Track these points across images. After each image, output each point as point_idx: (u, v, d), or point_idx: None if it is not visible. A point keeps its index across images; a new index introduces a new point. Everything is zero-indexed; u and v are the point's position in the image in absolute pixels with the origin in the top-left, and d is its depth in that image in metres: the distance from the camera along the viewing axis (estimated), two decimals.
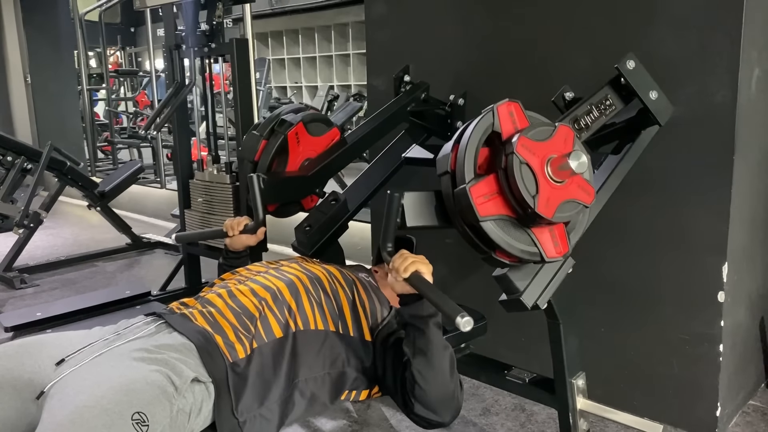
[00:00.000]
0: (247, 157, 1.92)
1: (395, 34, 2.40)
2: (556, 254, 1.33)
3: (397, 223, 1.36)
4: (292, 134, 1.89)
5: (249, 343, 1.35)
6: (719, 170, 1.69)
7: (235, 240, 1.78)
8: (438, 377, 1.39)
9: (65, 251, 4.09)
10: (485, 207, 1.27)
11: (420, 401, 1.40)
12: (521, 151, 1.26)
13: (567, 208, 1.30)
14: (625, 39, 1.79)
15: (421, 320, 1.38)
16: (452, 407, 1.42)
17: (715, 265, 1.72)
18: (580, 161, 1.26)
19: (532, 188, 1.26)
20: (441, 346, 1.40)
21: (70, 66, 6.58)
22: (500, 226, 1.29)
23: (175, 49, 2.79)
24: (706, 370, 1.78)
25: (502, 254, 1.33)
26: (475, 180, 1.27)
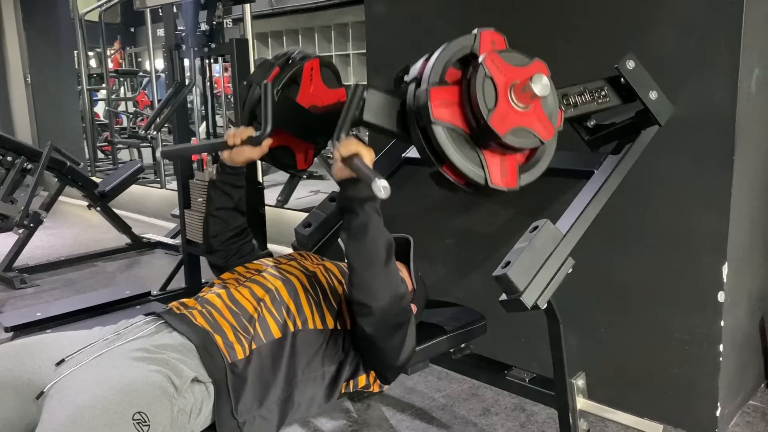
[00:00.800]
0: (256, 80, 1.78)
1: (395, 34, 2.40)
2: (502, 184, 1.33)
3: (355, 116, 1.36)
4: (308, 67, 1.80)
5: (248, 344, 1.35)
6: (719, 170, 1.69)
7: (236, 151, 1.64)
8: (372, 259, 1.35)
9: (65, 251, 4.09)
10: (440, 111, 1.27)
11: (355, 285, 1.37)
12: (489, 65, 1.26)
13: (521, 134, 1.30)
14: (625, 39, 1.79)
15: (355, 201, 1.34)
16: (389, 291, 1.38)
17: (715, 265, 1.72)
18: (542, 83, 1.26)
19: (491, 102, 1.26)
20: (376, 229, 1.35)
21: (70, 66, 6.58)
22: (451, 137, 1.29)
23: (175, 49, 2.79)
24: (706, 370, 1.78)
25: (449, 169, 1.32)
26: (439, 85, 1.28)
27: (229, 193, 1.69)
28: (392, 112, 1.40)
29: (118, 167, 6.08)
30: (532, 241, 1.39)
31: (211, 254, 1.72)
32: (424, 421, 1.96)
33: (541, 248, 1.39)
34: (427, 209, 2.41)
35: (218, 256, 1.71)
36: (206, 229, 1.72)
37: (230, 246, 1.71)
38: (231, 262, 1.69)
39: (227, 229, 1.70)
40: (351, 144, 1.34)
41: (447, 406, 2.05)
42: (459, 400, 2.09)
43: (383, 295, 1.37)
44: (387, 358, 1.45)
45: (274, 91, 1.66)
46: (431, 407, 2.05)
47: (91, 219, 4.88)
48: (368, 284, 1.36)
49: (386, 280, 1.38)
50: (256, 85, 1.77)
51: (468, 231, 2.30)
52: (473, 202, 2.27)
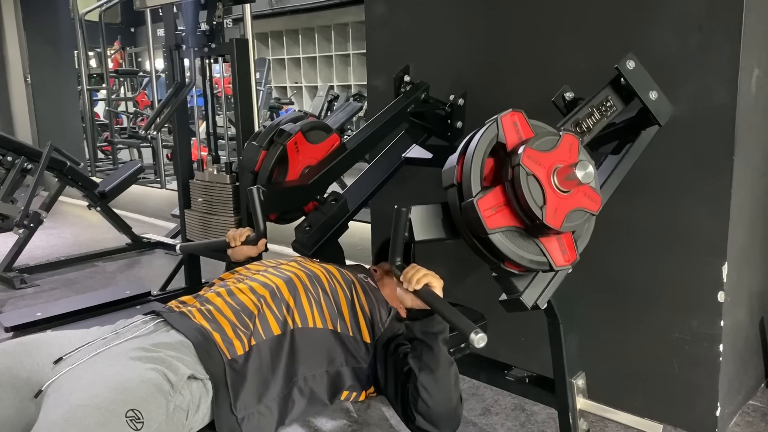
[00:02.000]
0: (247, 167, 1.94)
1: (395, 34, 2.40)
2: (565, 262, 1.34)
3: (405, 237, 1.36)
4: (291, 144, 1.91)
5: (247, 339, 1.36)
6: (719, 170, 1.69)
7: (236, 251, 1.79)
8: (442, 393, 1.39)
9: (65, 251, 4.09)
10: (493, 219, 1.27)
11: (423, 415, 1.40)
12: (527, 163, 1.26)
13: (574, 217, 1.31)
14: (625, 39, 1.80)
15: (431, 336, 1.38)
16: (453, 421, 1.43)
17: (715, 265, 1.72)
18: (586, 171, 1.27)
19: (539, 199, 1.26)
20: (447, 362, 1.41)
21: (70, 66, 6.58)
22: (508, 238, 1.29)
23: (175, 49, 2.79)
24: (706, 370, 1.78)
25: (511, 264, 1.33)
26: (482, 193, 1.27)
27: None
28: (438, 221, 1.41)
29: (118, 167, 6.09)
30: None
31: None
32: None
33: None
34: None
35: None
36: None
37: None
38: None
39: None
40: (418, 273, 1.36)
41: None
42: None
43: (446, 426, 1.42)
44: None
45: (260, 193, 1.77)
46: None
47: (91, 219, 4.88)
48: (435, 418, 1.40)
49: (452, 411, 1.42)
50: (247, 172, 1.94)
51: None
52: None
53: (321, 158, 1.99)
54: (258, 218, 1.77)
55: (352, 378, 1.50)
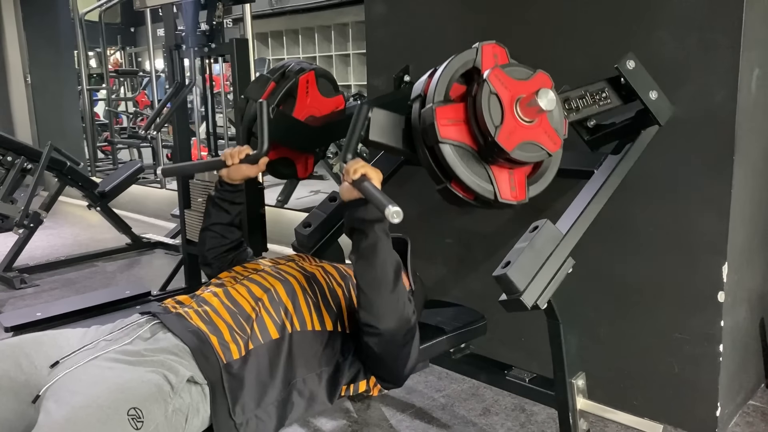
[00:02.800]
0: (252, 97, 1.81)
1: (395, 33, 2.40)
2: (511, 198, 1.33)
3: (361, 136, 1.37)
4: (303, 80, 1.81)
5: (244, 343, 1.34)
6: (719, 170, 1.69)
7: (234, 170, 1.66)
8: (380, 282, 1.37)
9: (65, 251, 4.09)
10: (447, 129, 1.28)
11: (363, 307, 1.38)
12: (493, 81, 1.27)
13: (529, 148, 1.30)
14: (625, 39, 1.79)
15: (364, 223, 1.36)
16: (396, 315, 1.39)
17: (715, 265, 1.72)
18: (548, 98, 1.27)
19: (497, 118, 1.27)
20: (384, 251, 1.37)
21: (70, 66, 6.58)
22: (459, 154, 1.29)
23: (175, 49, 2.79)
24: (706, 370, 1.78)
25: (458, 186, 1.33)
26: (444, 103, 1.29)
27: (227, 209, 1.72)
28: (397, 130, 1.41)
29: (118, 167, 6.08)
30: (532, 241, 1.39)
31: (207, 266, 1.75)
32: (424, 421, 1.96)
33: (541, 248, 1.39)
34: (427, 209, 2.40)
35: (213, 268, 1.73)
36: (202, 243, 1.75)
37: (225, 258, 1.73)
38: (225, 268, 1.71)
39: (223, 244, 1.72)
40: (359, 166, 1.35)
41: (447, 406, 2.05)
42: (459, 400, 2.09)
43: (391, 317, 1.39)
44: (392, 371, 1.46)
45: (270, 109, 1.67)
46: (431, 407, 2.05)
47: (91, 219, 4.88)
48: (377, 307, 1.38)
49: (394, 302, 1.39)
50: (253, 101, 1.79)
51: (468, 231, 2.30)
52: None
53: (325, 113, 1.92)
54: (264, 134, 1.63)
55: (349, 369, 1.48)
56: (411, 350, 1.44)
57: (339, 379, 1.46)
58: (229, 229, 1.73)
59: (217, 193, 1.72)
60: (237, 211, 1.73)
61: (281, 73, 1.84)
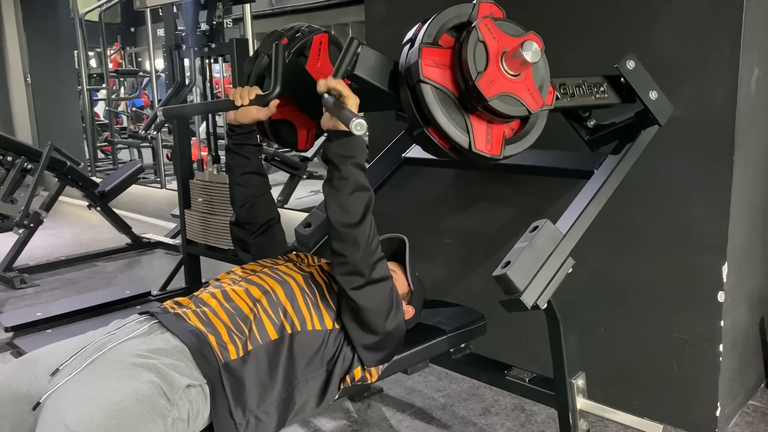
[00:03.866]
0: (264, 50, 1.76)
1: (395, 34, 2.39)
2: (485, 150, 1.33)
3: (347, 70, 1.38)
4: (317, 40, 1.77)
5: (242, 344, 1.34)
6: (719, 170, 1.69)
7: (242, 112, 1.61)
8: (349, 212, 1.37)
9: (65, 251, 4.09)
10: (430, 71, 1.29)
11: (333, 236, 1.39)
12: (482, 30, 1.28)
13: (508, 101, 1.31)
14: (626, 39, 1.80)
15: (340, 157, 1.37)
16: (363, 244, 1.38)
17: (715, 265, 1.72)
18: (533, 50, 1.28)
19: (480, 65, 1.28)
20: (356, 184, 1.37)
21: (70, 66, 6.58)
22: (439, 98, 1.30)
23: (175, 49, 2.79)
24: (705, 370, 1.78)
25: (435, 132, 1.33)
26: (431, 45, 1.30)
27: (245, 154, 1.69)
28: (385, 70, 1.42)
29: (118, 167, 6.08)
30: (532, 240, 1.39)
31: (240, 227, 1.72)
32: (424, 421, 1.97)
33: (541, 248, 1.39)
34: (427, 209, 2.41)
35: (246, 229, 1.71)
36: (233, 201, 1.72)
37: (257, 218, 1.71)
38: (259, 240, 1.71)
39: (253, 196, 1.70)
40: (340, 83, 1.35)
41: (447, 406, 2.06)
42: (459, 400, 2.09)
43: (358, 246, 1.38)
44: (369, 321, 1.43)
45: (285, 53, 1.64)
46: (431, 407, 2.05)
47: (91, 219, 4.88)
48: (345, 236, 1.38)
49: (361, 233, 1.39)
50: (264, 54, 1.75)
51: (468, 231, 2.30)
52: (473, 202, 2.27)
53: None
54: (278, 75, 1.59)
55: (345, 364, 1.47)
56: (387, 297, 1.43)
57: (336, 373, 1.46)
58: (255, 178, 1.70)
59: (230, 140, 1.68)
60: (256, 155, 1.70)
61: (295, 31, 1.80)
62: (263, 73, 1.76)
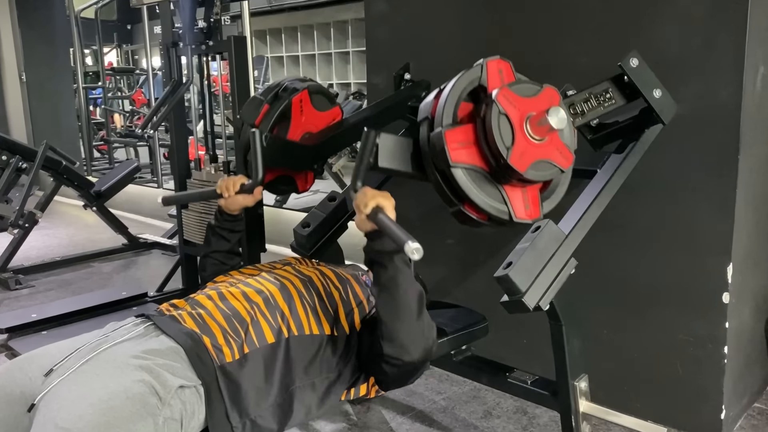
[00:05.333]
0: (247, 120, 1.84)
1: (395, 31, 2.40)
2: (526, 216, 1.34)
3: (370, 163, 1.36)
4: (296, 101, 1.84)
5: (238, 347, 1.34)
6: (724, 169, 1.69)
7: (230, 201, 1.70)
8: (403, 313, 1.36)
9: (61, 252, 4.09)
10: (458, 153, 1.28)
11: (388, 339, 1.37)
12: (502, 101, 1.26)
13: (541, 167, 1.30)
14: (629, 36, 1.79)
15: (385, 256, 1.36)
16: (421, 345, 1.39)
17: (720, 266, 1.72)
18: (559, 117, 1.27)
19: (507, 139, 1.26)
20: (406, 282, 1.37)
21: (65, 64, 6.58)
22: (471, 177, 1.29)
23: (172, 46, 2.79)
24: (710, 372, 1.78)
25: (471, 208, 1.33)
26: (453, 126, 1.28)
27: (227, 237, 1.77)
28: (406, 154, 1.41)
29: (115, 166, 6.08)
30: (534, 241, 1.39)
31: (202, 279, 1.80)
32: (425, 424, 1.97)
33: (544, 249, 1.39)
34: (428, 209, 2.40)
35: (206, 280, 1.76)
36: (202, 269, 1.82)
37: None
38: None
39: (223, 270, 1.75)
40: (370, 196, 1.34)
41: (448, 409, 2.06)
42: (460, 403, 2.09)
43: (415, 349, 1.38)
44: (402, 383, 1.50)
45: (262, 137, 1.70)
46: (432, 410, 2.05)
47: (87, 219, 4.88)
48: (400, 339, 1.37)
49: (419, 333, 1.39)
50: (248, 125, 1.83)
51: (469, 231, 2.29)
52: None
53: (322, 127, 1.93)
54: (258, 164, 1.67)
55: (350, 375, 1.48)
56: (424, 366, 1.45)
57: (339, 384, 1.47)
58: (228, 256, 1.79)
59: (217, 222, 1.77)
60: (236, 239, 1.79)
61: (274, 95, 1.87)
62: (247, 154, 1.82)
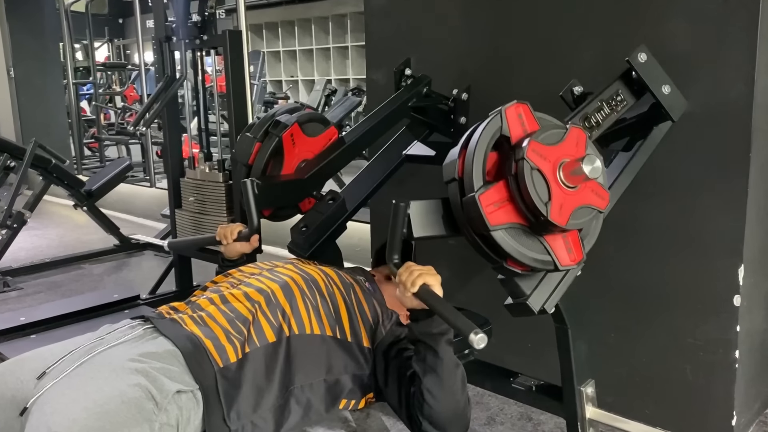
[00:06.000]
0: (241, 160, 1.93)
1: (396, 25, 2.40)
2: (570, 262, 1.33)
3: (404, 234, 1.36)
4: (287, 136, 1.90)
5: (241, 346, 1.35)
6: (735, 167, 1.69)
7: (229, 248, 1.79)
8: (448, 396, 1.39)
9: (50, 253, 4.09)
10: (495, 216, 1.26)
11: (428, 419, 1.40)
12: (532, 157, 1.25)
13: (581, 214, 1.30)
14: (637, 30, 1.79)
15: (432, 337, 1.38)
16: (461, 425, 1.43)
17: (731, 268, 1.72)
18: (593, 166, 1.26)
19: (544, 195, 1.25)
20: (452, 364, 1.41)
21: (55, 59, 6.58)
22: (512, 235, 1.28)
23: (166, 41, 2.79)
24: (721, 378, 1.78)
25: (514, 263, 1.33)
26: (485, 188, 1.27)
27: None
28: (439, 218, 1.40)
29: (106, 165, 6.09)
30: None
31: None
32: None
33: None
34: None
35: None
36: None
37: None
38: None
39: None
40: (413, 273, 1.35)
41: None
42: None
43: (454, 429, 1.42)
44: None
45: (254, 185, 1.76)
46: None
47: (77, 219, 4.88)
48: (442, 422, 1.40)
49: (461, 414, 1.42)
50: (242, 165, 1.92)
51: None
52: None
53: (318, 152, 1.98)
54: (252, 213, 1.76)
55: (351, 384, 1.50)
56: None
57: (338, 392, 1.47)
58: None
59: (220, 269, 1.83)
60: None
61: (264, 132, 1.93)
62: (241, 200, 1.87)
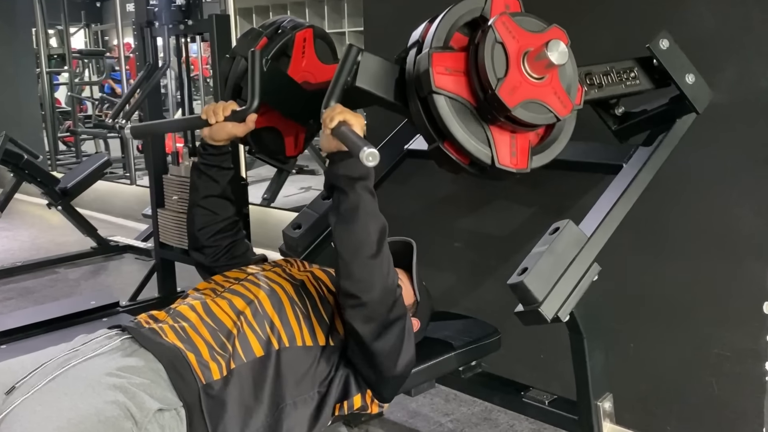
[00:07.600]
0: (240, 52, 1.78)
1: (396, 9, 2.40)
2: (510, 165, 1.33)
3: (347, 81, 1.37)
4: (299, 37, 1.80)
5: (225, 362, 1.34)
6: (763, 164, 1.69)
7: (217, 129, 1.62)
8: (363, 248, 1.36)
9: (22, 256, 4.09)
10: (443, 79, 1.28)
11: (344, 275, 1.37)
12: (500, 29, 1.26)
13: (534, 108, 1.30)
14: (659, 15, 1.80)
15: (346, 180, 1.36)
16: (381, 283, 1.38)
17: (760, 272, 1.73)
18: (559, 51, 1.26)
19: (500, 70, 1.26)
20: (368, 212, 1.37)
21: (27, 46, 6.57)
22: (455, 109, 1.29)
23: (147, 26, 2.79)
24: (749, 391, 1.78)
25: (452, 146, 1.33)
26: (442, 50, 1.28)
27: (215, 177, 1.68)
28: (389, 79, 1.42)
29: (82, 161, 6.08)
30: (552, 244, 1.39)
31: (198, 252, 1.71)
32: None
33: (563, 253, 1.40)
34: (434, 208, 2.41)
35: (206, 254, 1.70)
36: (191, 222, 1.71)
37: (220, 242, 1.70)
38: (221, 263, 1.69)
39: (215, 221, 1.69)
40: (338, 111, 1.35)
41: None
42: (469, 425, 2.09)
43: (375, 285, 1.38)
44: (381, 365, 1.44)
45: (263, 61, 1.65)
46: None
47: (51, 219, 4.88)
48: (358, 273, 1.37)
49: (378, 269, 1.38)
50: (241, 57, 1.77)
51: (479, 233, 2.30)
52: (485, 200, 2.27)
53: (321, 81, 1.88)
54: (255, 87, 1.61)
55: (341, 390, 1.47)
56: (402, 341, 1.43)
57: (330, 397, 1.46)
58: (220, 203, 1.69)
59: (201, 159, 1.69)
60: (227, 179, 1.70)
61: (275, 28, 1.81)
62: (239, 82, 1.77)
